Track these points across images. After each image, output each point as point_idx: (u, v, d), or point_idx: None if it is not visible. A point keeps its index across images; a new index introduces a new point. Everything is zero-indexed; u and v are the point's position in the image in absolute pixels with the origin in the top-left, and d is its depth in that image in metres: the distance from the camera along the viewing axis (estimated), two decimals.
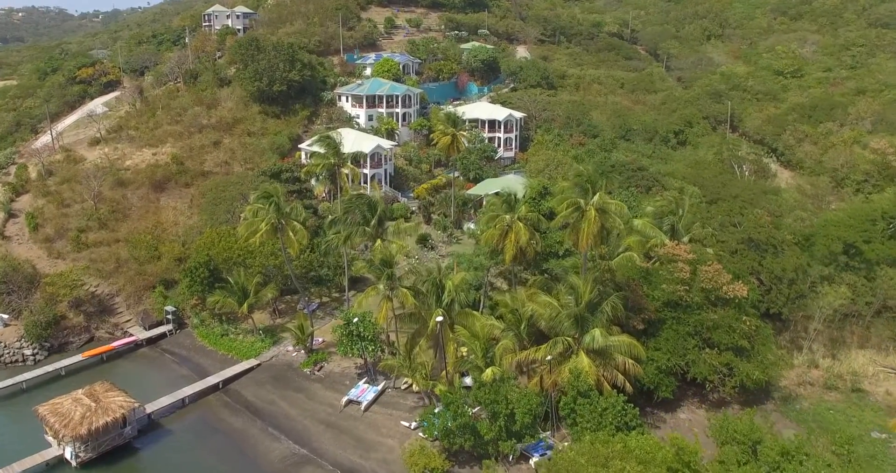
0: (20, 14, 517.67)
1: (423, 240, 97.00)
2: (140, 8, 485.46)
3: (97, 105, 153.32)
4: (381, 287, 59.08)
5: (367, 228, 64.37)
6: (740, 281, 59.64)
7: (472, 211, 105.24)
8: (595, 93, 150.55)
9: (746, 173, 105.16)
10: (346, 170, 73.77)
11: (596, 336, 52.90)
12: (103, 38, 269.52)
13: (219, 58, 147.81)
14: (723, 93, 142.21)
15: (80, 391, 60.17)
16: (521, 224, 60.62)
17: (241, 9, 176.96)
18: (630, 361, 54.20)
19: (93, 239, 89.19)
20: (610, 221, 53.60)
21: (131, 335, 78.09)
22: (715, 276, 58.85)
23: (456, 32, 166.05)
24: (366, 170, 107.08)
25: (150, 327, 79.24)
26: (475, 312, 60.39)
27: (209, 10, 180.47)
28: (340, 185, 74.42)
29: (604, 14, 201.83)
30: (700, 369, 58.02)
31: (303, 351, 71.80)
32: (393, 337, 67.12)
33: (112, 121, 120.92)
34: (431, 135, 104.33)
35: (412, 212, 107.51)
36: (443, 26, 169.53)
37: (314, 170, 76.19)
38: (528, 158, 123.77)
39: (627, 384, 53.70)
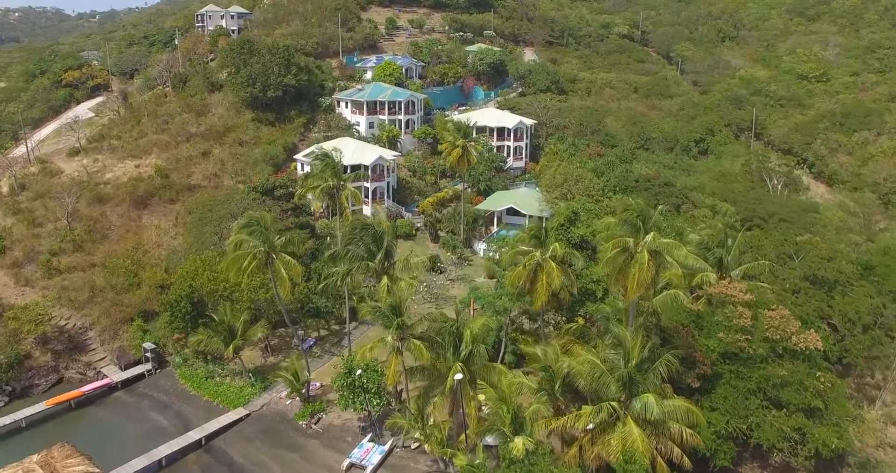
0: (16, 14, 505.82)
1: (431, 262, 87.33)
2: (138, 8, 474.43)
3: (83, 110, 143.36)
4: (389, 338, 49.20)
5: (371, 263, 54.46)
6: (811, 330, 49.90)
7: (483, 228, 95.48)
8: (607, 98, 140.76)
9: (779, 187, 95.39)
10: (346, 193, 63.68)
11: (649, 403, 43.07)
12: (96, 39, 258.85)
13: (211, 60, 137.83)
14: (744, 99, 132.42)
15: (34, 457, 49.97)
16: (553, 264, 50.74)
17: (235, 9, 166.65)
18: (687, 431, 44.51)
19: (66, 263, 79.20)
20: (665, 265, 43.74)
21: (105, 376, 68.17)
22: (782, 324, 49.15)
23: (460, 34, 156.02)
24: (367, 184, 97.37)
25: (127, 366, 69.35)
26: (499, 366, 50.63)
27: (202, 10, 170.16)
28: (341, 210, 64.38)
29: (613, 15, 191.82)
30: (766, 434, 48.34)
31: (298, 399, 62.05)
32: (401, 385, 57.33)
33: (94, 129, 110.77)
34: (440, 147, 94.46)
35: (417, 229, 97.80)
36: (446, 27, 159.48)
37: (310, 193, 66.15)
38: (540, 170, 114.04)
39: (685, 459, 44.01)
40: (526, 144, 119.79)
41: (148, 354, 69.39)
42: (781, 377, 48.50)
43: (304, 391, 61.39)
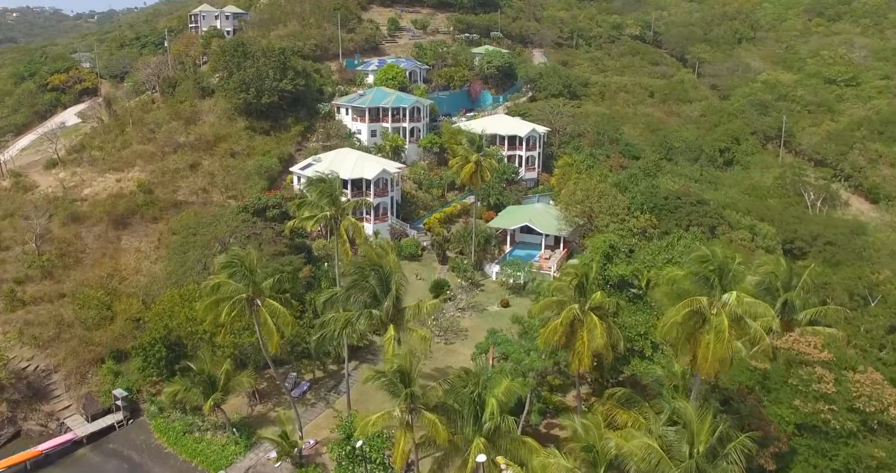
0: (14, 14, 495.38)
1: (439, 289, 78.05)
2: (136, 8, 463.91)
3: (69, 116, 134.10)
4: (397, 411, 39.75)
5: (376, 311, 44.98)
6: None
7: (496, 250, 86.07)
8: (622, 102, 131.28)
9: (818, 203, 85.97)
10: (346, 224, 54.10)
11: None
12: (90, 40, 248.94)
13: (204, 63, 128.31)
14: (769, 105, 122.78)
15: None
16: (596, 319, 41.29)
17: (230, 9, 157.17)
18: None
19: (32, 293, 69.68)
20: (747, 332, 34.33)
21: (69, 429, 58.71)
22: (875, 392, 39.79)
23: (466, 35, 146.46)
24: (369, 199, 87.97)
25: (95, 416, 59.90)
26: (529, 441, 41.17)
27: (195, 10, 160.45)
28: (341, 242, 54.91)
29: (623, 15, 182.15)
30: None
31: (288, 462, 52.76)
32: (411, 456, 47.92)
33: (74, 138, 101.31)
34: (450, 162, 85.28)
35: (423, 249, 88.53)
36: (451, 28, 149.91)
37: (303, 226, 56.52)
38: (554, 182, 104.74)
39: None
40: (539, 154, 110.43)
41: (119, 402, 60.03)
42: (878, 458, 39.15)
43: (295, 452, 52.09)
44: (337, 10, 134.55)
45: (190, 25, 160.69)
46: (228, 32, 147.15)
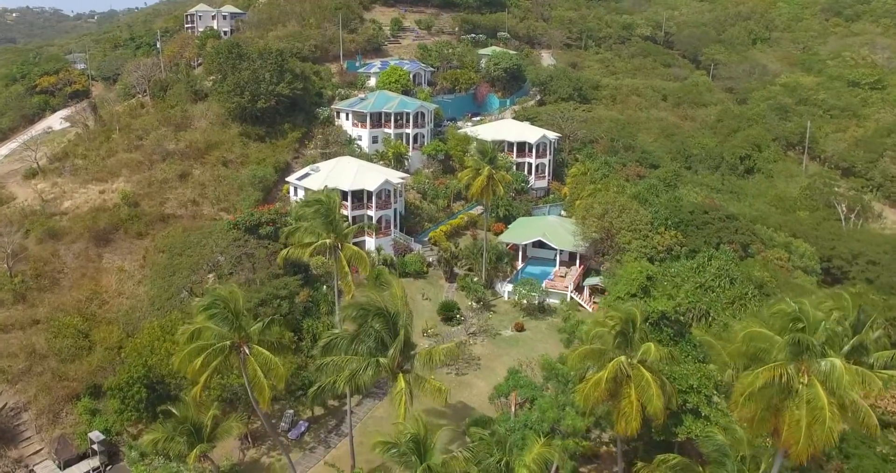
0: (14, 15, 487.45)
1: (448, 311, 71.23)
2: (137, 8, 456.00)
3: (57, 120, 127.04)
4: None
5: (382, 359, 38.04)
6: None
7: (508, 267, 79.15)
8: (634, 106, 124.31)
9: (851, 216, 79.11)
10: (348, 253, 47.03)
11: None
12: (86, 40, 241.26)
13: (199, 65, 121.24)
14: (789, 109, 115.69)
15: None
16: (647, 374, 34.43)
17: (228, 8, 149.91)
18: None
19: (2, 320, 62.85)
20: (847, 408, 27.44)
21: None
22: None
23: (472, 36, 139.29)
24: (370, 212, 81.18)
25: (68, 463, 53.20)
26: None
27: (192, 10, 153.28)
28: (341, 275, 47.90)
29: (633, 15, 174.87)
30: None
31: None
32: None
33: (57, 145, 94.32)
34: (459, 175, 78.48)
35: (429, 265, 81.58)
36: (456, 29, 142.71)
37: (299, 255, 49.32)
38: (566, 192, 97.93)
39: None
40: (549, 161, 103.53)
41: (95, 446, 53.20)
42: None
43: None
44: (338, 10, 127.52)
45: (186, 26, 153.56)
46: (226, 33, 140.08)
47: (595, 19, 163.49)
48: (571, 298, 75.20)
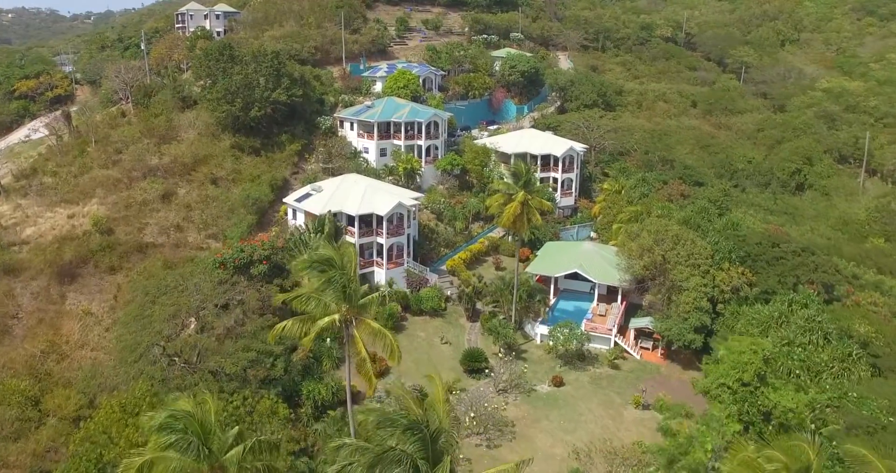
0: (9, 15, 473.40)
1: (473, 361, 59.31)
2: (134, 9, 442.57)
3: (35, 128, 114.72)
4: None
5: None
6: None
7: (541, 305, 67.03)
8: (662, 113, 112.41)
9: None
10: (366, 329, 34.88)
11: None
12: (77, 41, 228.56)
13: (188, 69, 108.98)
14: (836, 117, 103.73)
15: None
16: None
17: (221, 7, 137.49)
18: None
19: None
20: None
21: None
22: None
23: (483, 36, 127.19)
24: (381, 240, 69.24)
25: None
26: None
27: (182, 9, 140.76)
28: (356, 363, 35.81)
29: (650, 14, 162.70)
30: None
31: None
32: None
33: (24, 160, 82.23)
34: (486, 202, 66.53)
35: (447, 299, 69.66)
36: (466, 29, 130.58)
37: (298, 333, 36.97)
38: (597, 211, 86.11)
39: None
40: (576, 176, 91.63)
41: None
42: None
43: None
44: (340, 9, 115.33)
45: (176, 26, 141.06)
46: (219, 33, 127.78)
47: (612, 19, 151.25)
48: (616, 343, 63.38)
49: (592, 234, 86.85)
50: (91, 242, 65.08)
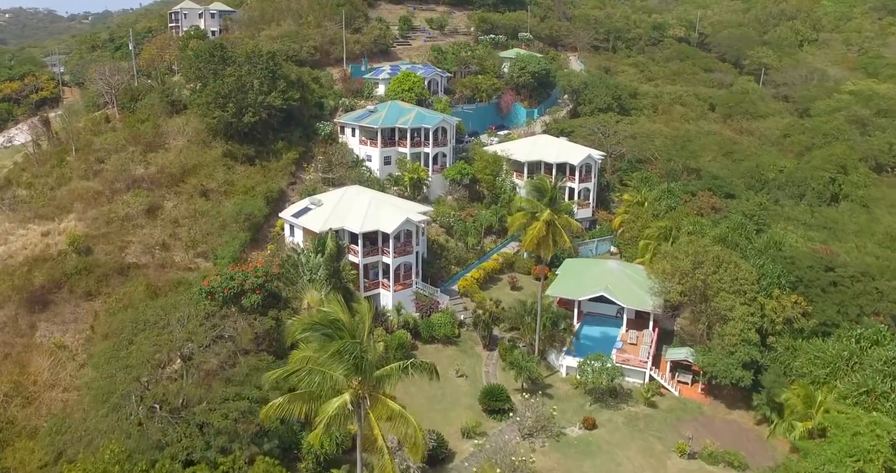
0: (7, 16, 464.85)
1: (493, 401, 52.27)
2: (132, 9, 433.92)
3: (17, 132, 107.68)
4: None
5: None
6: None
7: (566, 333, 59.95)
8: (679, 117, 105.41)
9: None
10: (382, 412, 27.59)
11: None
12: (70, 42, 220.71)
13: (179, 71, 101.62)
14: (868, 121, 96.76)
15: None
16: None
17: (216, 6, 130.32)
18: None
19: None
20: None
21: None
22: None
23: (490, 36, 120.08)
24: (387, 259, 62.15)
25: None
26: None
27: (176, 8, 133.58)
28: (379, 446, 28.51)
29: (661, 14, 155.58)
30: None
31: None
32: None
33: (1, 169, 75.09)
34: (509, 220, 59.38)
35: (461, 325, 62.65)
36: (472, 28, 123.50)
37: (293, 412, 29.68)
38: (617, 223, 79.10)
39: None
40: (594, 185, 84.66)
41: None
42: None
43: None
44: (340, 7, 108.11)
45: (170, 25, 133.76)
46: (214, 33, 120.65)
47: (622, 19, 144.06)
48: (651, 377, 56.39)
49: (613, 249, 79.95)
50: (66, 264, 57.93)
